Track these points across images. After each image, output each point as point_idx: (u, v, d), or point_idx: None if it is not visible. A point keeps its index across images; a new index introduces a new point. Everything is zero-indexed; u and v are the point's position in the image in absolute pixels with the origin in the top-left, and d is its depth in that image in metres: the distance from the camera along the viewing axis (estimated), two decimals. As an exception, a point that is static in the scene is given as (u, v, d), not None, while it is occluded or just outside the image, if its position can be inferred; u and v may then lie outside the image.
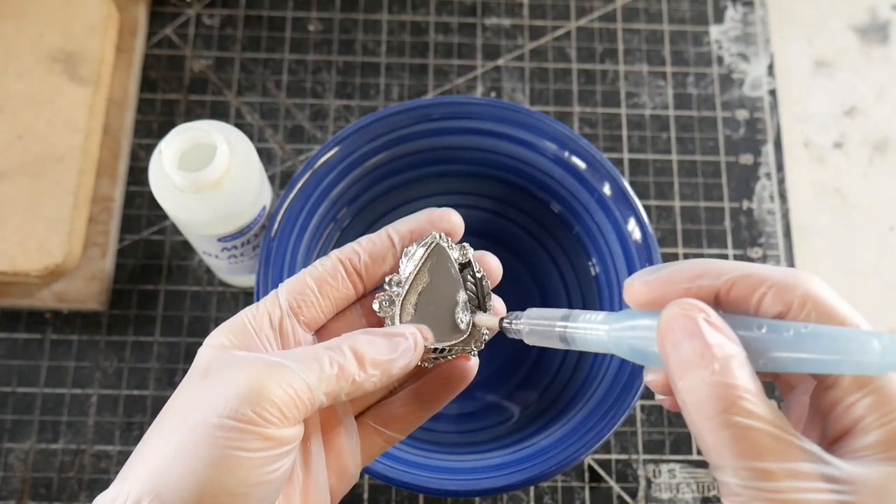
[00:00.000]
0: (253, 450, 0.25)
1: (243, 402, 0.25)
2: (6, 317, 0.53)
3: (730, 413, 0.22)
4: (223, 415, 0.25)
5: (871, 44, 0.63)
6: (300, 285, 0.30)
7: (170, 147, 0.40)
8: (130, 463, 0.26)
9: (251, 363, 0.27)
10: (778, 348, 0.23)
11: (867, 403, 0.23)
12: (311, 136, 0.57)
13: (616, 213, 0.44)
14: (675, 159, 0.58)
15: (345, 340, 0.28)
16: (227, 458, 0.25)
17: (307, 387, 0.26)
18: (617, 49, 0.61)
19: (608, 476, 0.51)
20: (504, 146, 0.47)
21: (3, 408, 0.51)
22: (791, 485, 0.21)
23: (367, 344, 0.28)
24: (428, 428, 0.46)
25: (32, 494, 0.49)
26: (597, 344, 0.27)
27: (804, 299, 0.23)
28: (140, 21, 0.58)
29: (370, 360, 0.28)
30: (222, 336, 0.29)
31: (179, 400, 0.27)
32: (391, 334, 0.29)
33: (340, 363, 0.27)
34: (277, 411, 0.25)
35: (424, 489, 0.39)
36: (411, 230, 0.31)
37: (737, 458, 0.22)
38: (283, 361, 0.26)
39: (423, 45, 0.60)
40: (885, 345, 0.21)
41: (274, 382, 0.26)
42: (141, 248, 0.55)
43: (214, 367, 0.27)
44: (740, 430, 0.22)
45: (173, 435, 0.25)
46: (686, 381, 0.23)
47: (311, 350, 0.27)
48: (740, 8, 0.62)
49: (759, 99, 0.60)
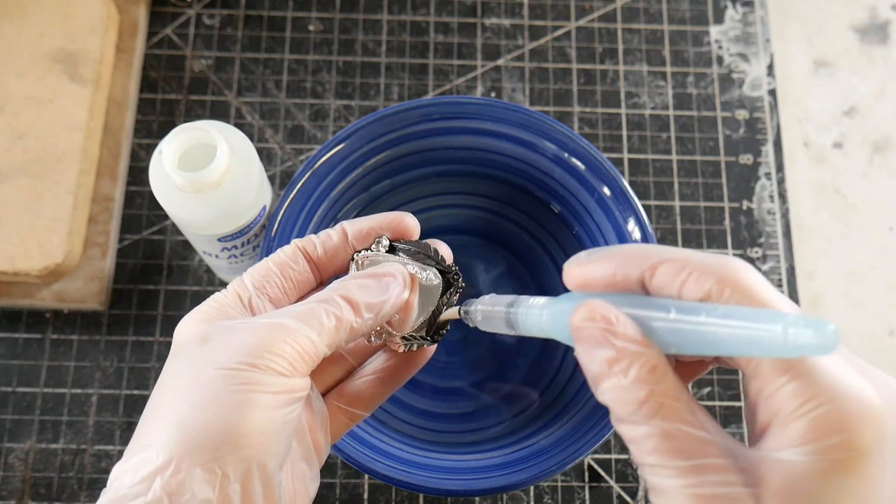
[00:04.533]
0: (272, 392, 0.26)
1: (254, 356, 0.26)
2: (6, 317, 0.53)
3: (647, 416, 0.23)
4: (238, 365, 0.26)
5: (871, 44, 0.63)
6: (264, 269, 0.31)
7: (170, 147, 0.40)
8: (144, 431, 0.26)
9: (253, 325, 0.27)
10: (685, 333, 0.22)
11: (788, 392, 0.22)
12: (311, 136, 0.57)
13: (616, 213, 0.44)
14: (675, 159, 0.58)
15: (336, 290, 0.29)
16: (250, 401, 0.25)
17: (311, 342, 0.27)
18: (617, 49, 0.61)
19: (608, 476, 0.51)
20: (504, 146, 0.47)
21: (4, 408, 0.51)
22: (705, 479, 0.22)
23: (359, 289, 0.29)
24: (428, 428, 0.47)
25: (33, 494, 0.49)
26: (537, 328, 0.28)
27: (722, 284, 0.22)
28: (140, 21, 0.58)
29: (364, 304, 0.29)
30: (200, 314, 0.29)
31: (179, 365, 0.27)
32: (379, 275, 0.30)
33: (337, 314, 0.28)
34: (287, 364, 0.26)
35: (424, 489, 0.39)
36: (369, 228, 0.32)
37: (658, 456, 0.22)
38: (283, 321, 0.27)
39: (423, 45, 0.60)
40: (789, 323, 0.20)
41: (280, 340, 0.26)
42: (141, 247, 0.55)
43: (212, 334, 0.28)
44: (659, 431, 0.22)
45: (188, 394, 0.26)
46: (603, 387, 0.24)
47: (307, 306, 0.28)
48: (740, 8, 0.62)
49: (759, 99, 0.60)
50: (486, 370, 0.50)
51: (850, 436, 0.21)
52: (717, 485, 0.22)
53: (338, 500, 0.49)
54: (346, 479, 0.50)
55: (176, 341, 0.29)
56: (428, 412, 0.48)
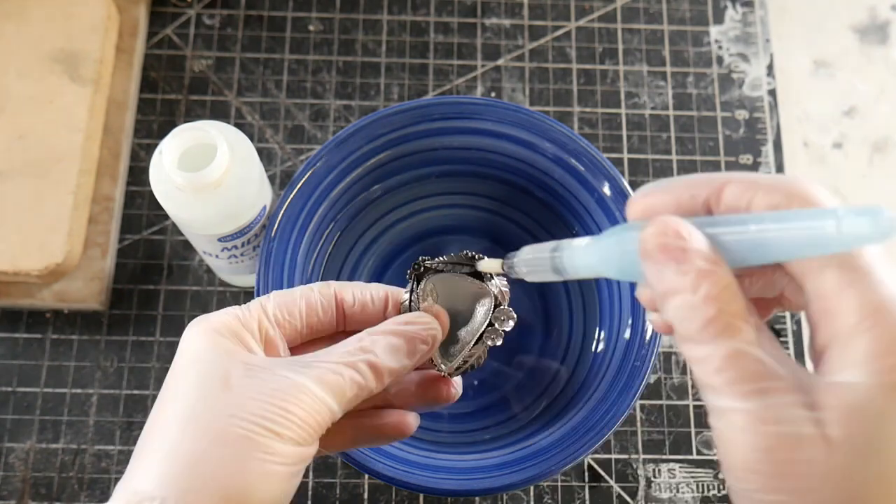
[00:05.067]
0: (288, 464, 0.26)
1: (275, 422, 0.26)
2: (6, 316, 0.53)
3: (713, 335, 0.22)
4: (258, 429, 0.26)
5: (870, 44, 0.63)
6: (290, 304, 0.31)
7: (170, 147, 0.40)
8: (151, 470, 0.26)
9: (276, 382, 0.27)
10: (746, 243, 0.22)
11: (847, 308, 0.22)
12: (311, 136, 0.57)
13: (616, 213, 0.44)
14: (675, 159, 0.58)
15: (364, 352, 0.29)
16: (266, 472, 0.26)
17: (330, 412, 0.27)
18: (617, 49, 0.61)
19: (608, 476, 0.51)
20: (504, 146, 0.47)
21: (4, 408, 0.51)
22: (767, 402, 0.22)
23: (387, 353, 0.29)
24: (428, 428, 0.46)
25: (33, 494, 0.49)
26: (585, 267, 0.27)
27: (791, 197, 0.22)
28: (140, 21, 0.58)
29: (388, 370, 0.29)
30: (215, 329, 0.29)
31: (199, 407, 0.27)
32: (411, 336, 0.30)
33: (360, 384, 0.28)
34: (305, 433, 0.27)
35: (424, 489, 0.39)
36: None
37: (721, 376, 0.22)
38: (306, 384, 0.27)
39: (423, 45, 0.60)
40: (842, 214, 0.20)
41: (300, 408, 0.27)
42: (141, 247, 0.55)
43: (235, 376, 0.27)
44: (725, 352, 0.22)
45: (210, 450, 0.26)
46: (671, 304, 0.23)
47: (332, 369, 0.28)
48: (740, 8, 0.62)
49: (759, 99, 0.60)
50: (487, 370, 0.50)
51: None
52: (778, 407, 0.21)
53: (338, 500, 0.49)
54: (346, 479, 0.50)
55: (190, 357, 0.28)
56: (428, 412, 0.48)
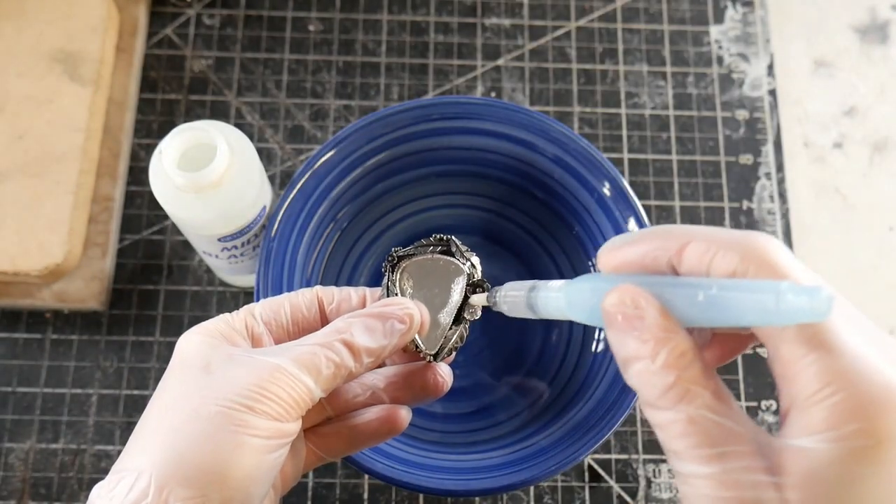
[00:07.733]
0: (265, 437, 0.27)
1: (252, 397, 0.27)
2: (6, 317, 0.53)
3: (673, 401, 0.23)
4: (236, 405, 0.27)
5: (871, 44, 0.63)
6: (277, 305, 0.32)
7: (170, 147, 0.40)
8: (136, 450, 0.27)
9: (254, 362, 0.28)
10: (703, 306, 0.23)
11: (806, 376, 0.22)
12: (311, 136, 0.57)
13: (616, 213, 0.44)
14: (675, 159, 0.58)
15: (339, 332, 0.30)
16: (244, 444, 0.26)
17: (307, 388, 0.28)
18: (617, 49, 0.61)
19: (608, 476, 0.51)
20: (504, 146, 0.47)
21: (4, 408, 0.51)
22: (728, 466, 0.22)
23: (363, 333, 0.30)
24: (428, 428, 0.47)
25: (33, 494, 0.49)
26: (556, 311, 0.29)
27: (747, 260, 0.23)
28: (140, 21, 0.58)
29: (365, 350, 0.30)
30: (205, 333, 0.30)
31: (181, 389, 0.28)
32: (386, 315, 0.30)
33: (336, 362, 0.29)
34: (282, 409, 0.27)
35: (424, 489, 0.39)
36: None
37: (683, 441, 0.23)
38: (282, 363, 0.28)
39: (423, 45, 0.60)
40: (784, 290, 0.20)
41: (276, 386, 0.27)
42: (141, 247, 0.55)
43: (216, 363, 0.28)
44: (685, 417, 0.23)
45: (185, 425, 0.27)
46: (631, 371, 0.24)
47: (308, 349, 0.29)
48: (740, 8, 0.62)
49: (759, 99, 0.60)
50: (487, 370, 0.50)
51: (870, 423, 0.21)
52: (739, 472, 0.22)
53: (338, 500, 0.49)
54: (346, 479, 0.50)
55: (179, 356, 0.29)
56: (428, 412, 0.48)
